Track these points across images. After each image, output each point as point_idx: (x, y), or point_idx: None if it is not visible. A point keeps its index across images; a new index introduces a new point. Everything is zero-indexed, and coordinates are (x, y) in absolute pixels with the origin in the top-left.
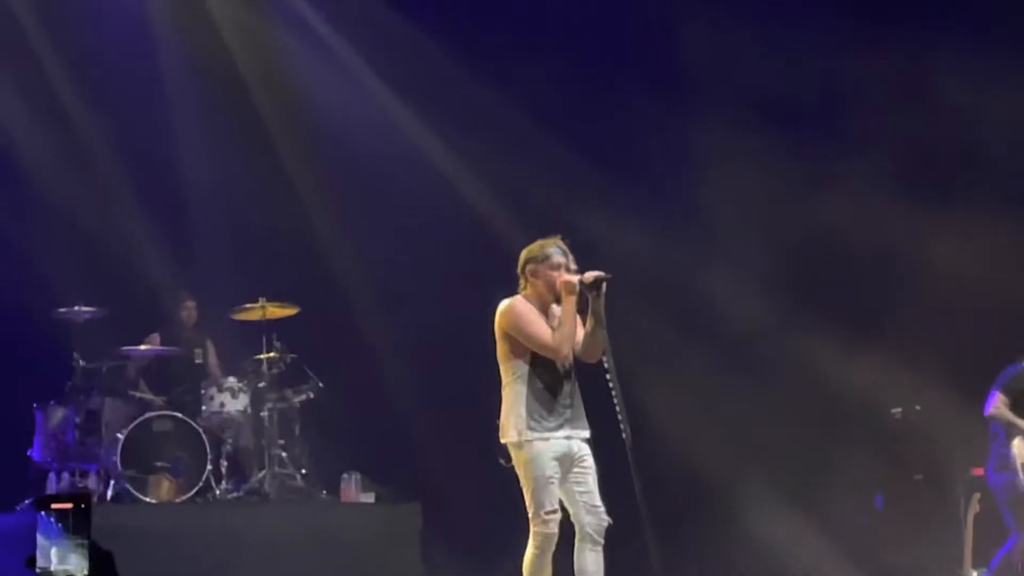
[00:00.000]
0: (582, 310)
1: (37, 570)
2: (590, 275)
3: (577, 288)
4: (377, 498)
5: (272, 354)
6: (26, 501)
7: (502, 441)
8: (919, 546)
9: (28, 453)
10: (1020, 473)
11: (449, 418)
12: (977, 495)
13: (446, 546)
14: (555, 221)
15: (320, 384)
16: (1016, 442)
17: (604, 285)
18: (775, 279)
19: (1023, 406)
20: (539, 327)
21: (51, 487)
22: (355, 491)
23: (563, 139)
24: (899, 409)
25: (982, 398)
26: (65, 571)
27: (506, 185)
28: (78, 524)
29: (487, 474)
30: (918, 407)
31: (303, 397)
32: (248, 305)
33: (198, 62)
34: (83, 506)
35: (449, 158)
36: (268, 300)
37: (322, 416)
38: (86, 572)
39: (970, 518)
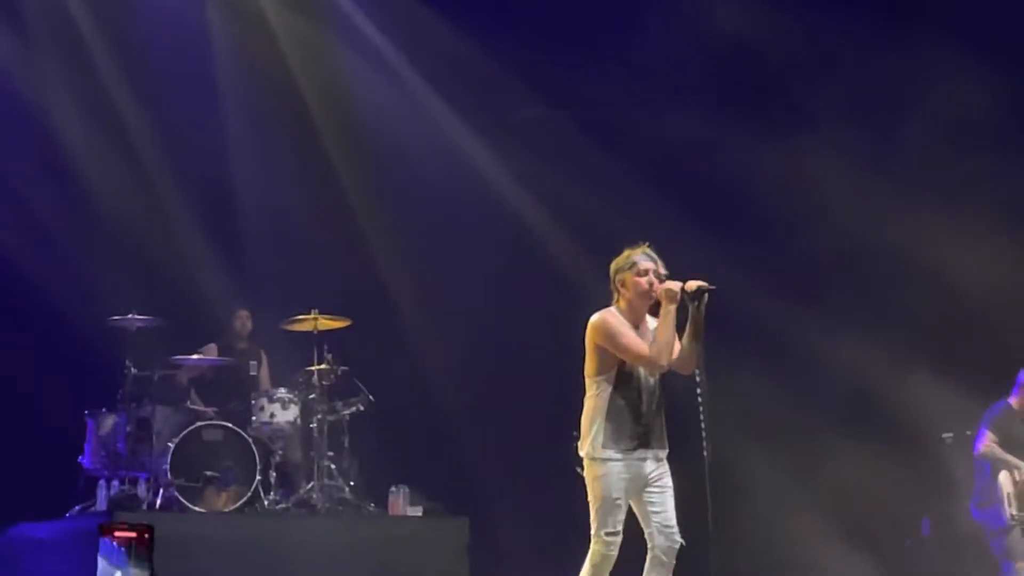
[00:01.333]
0: (679, 320)
1: None
2: (692, 284)
3: (678, 296)
4: (425, 512)
5: (323, 366)
6: (76, 508)
7: (580, 452)
8: (965, 573)
9: (79, 460)
10: (1005, 503)
11: (498, 432)
12: None
13: (494, 561)
14: (611, 240)
15: (371, 397)
16: (1002, 475)
17: (706, 296)
18: (835, 301)
19: (1012, 442)
20: (633, 338)
21: (101, 494)
22: (403, 504)
23: (622, 164)
24: (950, 434)
25: None
26: None
27: (557, 203)
28: (141, 555)
29: (536, 489)
30: (969, 432)
31: (353, 409)
32: (300, 316)
33: (255, 75)
34: (146, 536)
35: (502, 174)
36: (320, 312)
37: (371, 429)
38: None
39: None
